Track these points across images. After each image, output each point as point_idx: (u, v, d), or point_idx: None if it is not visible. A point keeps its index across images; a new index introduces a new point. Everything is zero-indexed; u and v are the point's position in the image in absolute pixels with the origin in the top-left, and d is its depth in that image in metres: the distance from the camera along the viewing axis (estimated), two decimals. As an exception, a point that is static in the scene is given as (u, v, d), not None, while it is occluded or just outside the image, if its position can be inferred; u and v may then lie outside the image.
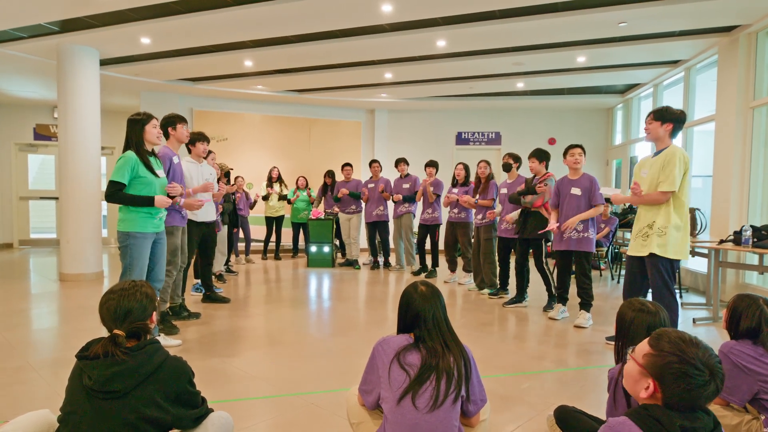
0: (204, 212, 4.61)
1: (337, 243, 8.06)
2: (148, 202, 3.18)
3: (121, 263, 3.21)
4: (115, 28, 5.58)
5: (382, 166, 7.56)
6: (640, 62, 6.67)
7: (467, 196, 5.85)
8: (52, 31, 5.84)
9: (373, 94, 8.70)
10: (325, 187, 7.86)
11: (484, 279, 5.71)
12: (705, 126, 6.33)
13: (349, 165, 7.62)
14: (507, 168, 5.36)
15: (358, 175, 8.77)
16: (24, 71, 7.14)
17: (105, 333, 1.60)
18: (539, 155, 4.86)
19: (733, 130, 5.44)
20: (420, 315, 1.72)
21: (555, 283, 4.74)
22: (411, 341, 1.72)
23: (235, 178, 7.40)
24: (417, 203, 7.01)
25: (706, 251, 5.15)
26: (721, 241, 4.73)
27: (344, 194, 7.40)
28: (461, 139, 9.78)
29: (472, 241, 6.03)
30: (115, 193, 3.11)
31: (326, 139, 9.61)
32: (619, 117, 9.06)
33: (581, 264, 4.37)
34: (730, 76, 5.51)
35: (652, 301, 1.87)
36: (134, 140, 3.19)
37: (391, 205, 7.35)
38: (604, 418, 1.88)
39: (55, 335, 3.89)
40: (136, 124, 3.20)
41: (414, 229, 7.15)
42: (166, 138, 3.89)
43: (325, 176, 7.88)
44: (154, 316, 1.69)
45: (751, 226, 4.46)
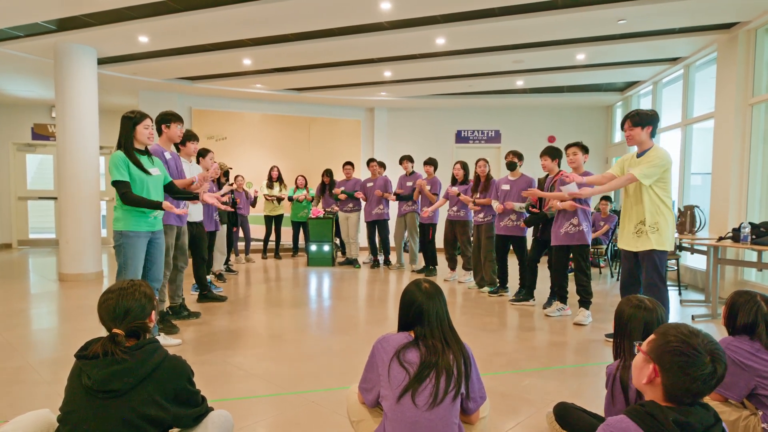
0: (193, 212, 4.62)
1: (338, 242, 8.06)
2: (156, 206, 3.16)
3: (117, 262, 3.22)
4: (112, 26, 5.57)
5: (385, 166, 7.55)
6: (640, 60, 6.66)
7: (465, 197, 5.85)
8: (49, 30, 5.82)
9: (372, 93, 8.69)
10: (324, 186, 7.84)
11: (484, 277, 5.71)
12: (704, 123, 6.33)
13: (349, 164, 7.61)
14: (512, 167, 5.32)
15: (358, 174, 8.76)
16: (21, 70, 7.12)
17: (104, 332, 1.59)
18: (552, 153, 4.73)
19: (732, 128, 5.44)
20: (423, 312, 1.72)
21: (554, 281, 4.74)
22: (411, 339, 1.72)
23: (235, 177, 7.41)
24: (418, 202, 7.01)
25: (705, 248, 5.15)
26: (720, 239, 4.73)
27: (342, 195, 7.39)
28: (461, 138, 9.77)
29: (472, 239, 6.04)
30: (126, 194, 3.09)
31: (326, 137, 9.59)
32: (619, 115, 9.05)
33: (578, 260, 4.37)
34: (730, 73, 5.51)
35: (650, 298, 1.87)
36: (124, 138, 3.18)
37: (392, 204, 7.35)
38: (603, 414, 1.89)
39: (55, 335, 3.89)
40: (128, 122, 3.18)
41: (417, 228, 7.15)
42: (160, 135, 3.86)
43: (323, 175, 7.85)
44: (153, 315, 1.69)
45: (750, 223, 4.46)
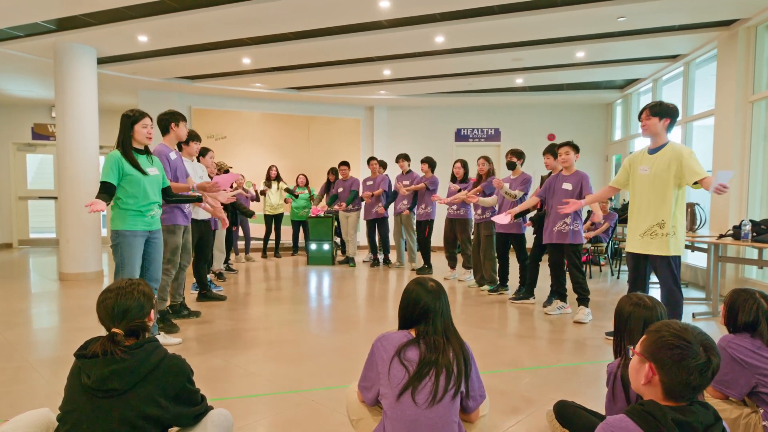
0: (197, 211, 4.63)
1: (338, 241, 8.06)
2: (98, 197, 2.98)
3: (114, 262, 3.21)
4: (112, 26, 5.57)
5: (386, 164, 7.54)
6: (640, 57, 6.65)
7: (462, 193, 5.86)
8: (48, 30, 5.82)
9: (371, 91, 8.68)
10: (329, 185, 7.86)
11: (484, 275, 5.71)
12: (704, 121, 6.32)
13: (345, 164, 7.53)
14: (511, 166, 5.34)
15: (357, 173, 8.76)
16: (21, 70, 7.11)
17: (104, 332, 1.59)
18: (554, 151, 4.71)
19: (732, 125, 5.43)
20: (429, 311, 1.72)
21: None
22: (411, 337, 1.71)
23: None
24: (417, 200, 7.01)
25: (705, 246, 5.15)
26: (721, 236, 4.72)
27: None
28: (460, 136, 9.76)
29: (472, 237, 6.04)
30: (99, 192, 3.04)
31: (325, 136, 9.58)
32: (619, 112, 9.04)
33: (571, 258, 4.37)
34: (730, 71, 5.49)
35: (650, 296, 1.87)
36: (122, 137, 3.18)
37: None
38: (604, 412, 1.89)
39: (55, 335, 3.89)
40: (127, 121, 3.19)
41: (414, 226, 7.15)
42: (167, 133, 3.91)
43: (328, 173, 7.95)
44: (152, 314, 1.68)
45: (751, 221, 4.46)
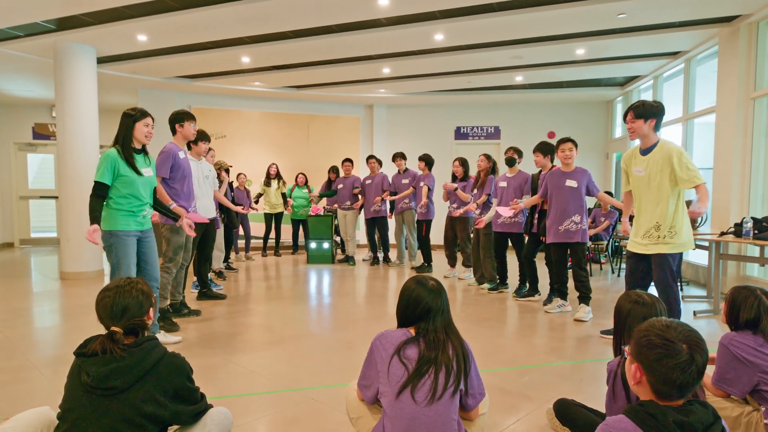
0: (204, 209, 4.64)
1: (338, 239, 8.07)
2: (93, 220, 3.02)
3: (109, 263, 3.20)
4: (111, 25, 5.56)
5: (381, 162, 7.54)
6: (640, 54, 6.62)
7: (461, 192, 5.86)
8: (48, 30, 5.82)
9: (371, 90, 8.67)
10: (330, 183, 7.88)
11: (484, 274, 5.71)
12: (705, 118, 6.30)
13: (348, 161, 7.58)
14: (511, 162, 5.31)
15: (357, 171, 8.76)
16: (21, 70, 7.12)
17: (104, 330, 1.60)
18: (544, 149, 4.76)
19: (733, 122, 5.41)
20: (431, 310, 1.72)
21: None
22: (410, 335, 1.71)
23: (237, 176, 7.40)
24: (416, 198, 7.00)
25: (707, 243, 5.14)
26: (722, 234, 4.71)
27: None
28: (460, 134, 9.74)
29: (472, 236, 6.03)
30: (93, 194, 3.06)
31: (325, 135, 9.58)
32: (619, 110, 9.01)
33: (577, 256, 4.37)
34: (731, 67, 5.47)
35: (649, 294, 1.87)
36: (121, 135, 3.15)
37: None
38: (604, 411, 1.88)
39: (56, 333, 3.90)
40: (127, 119, 3.17)
41: (415, 225, 7.15)
42: (175, 134, 3.97)
43: (329, 172, 7.97)
44: (151, 313, 1.69)
45: (752, 218, 4.43)
